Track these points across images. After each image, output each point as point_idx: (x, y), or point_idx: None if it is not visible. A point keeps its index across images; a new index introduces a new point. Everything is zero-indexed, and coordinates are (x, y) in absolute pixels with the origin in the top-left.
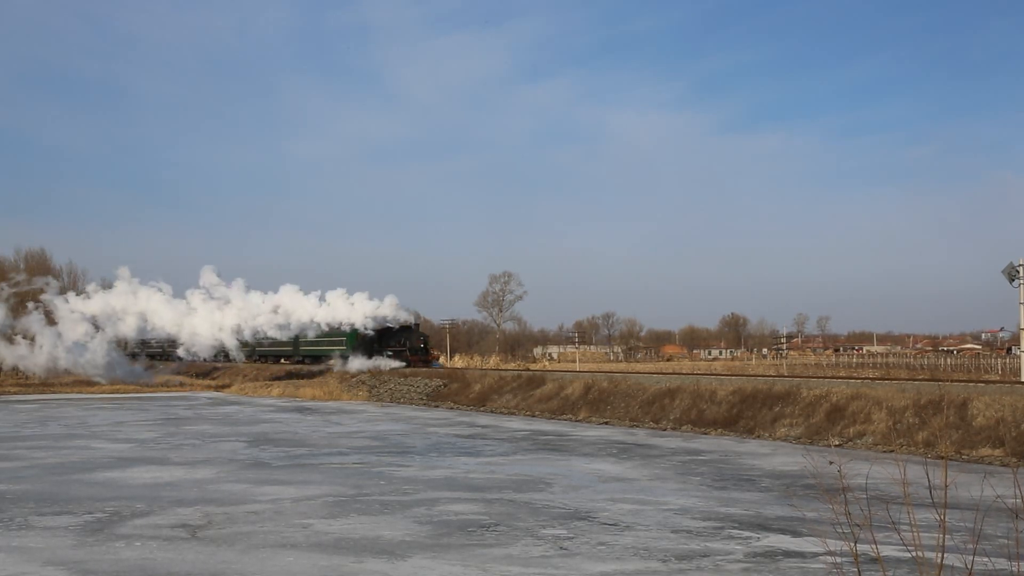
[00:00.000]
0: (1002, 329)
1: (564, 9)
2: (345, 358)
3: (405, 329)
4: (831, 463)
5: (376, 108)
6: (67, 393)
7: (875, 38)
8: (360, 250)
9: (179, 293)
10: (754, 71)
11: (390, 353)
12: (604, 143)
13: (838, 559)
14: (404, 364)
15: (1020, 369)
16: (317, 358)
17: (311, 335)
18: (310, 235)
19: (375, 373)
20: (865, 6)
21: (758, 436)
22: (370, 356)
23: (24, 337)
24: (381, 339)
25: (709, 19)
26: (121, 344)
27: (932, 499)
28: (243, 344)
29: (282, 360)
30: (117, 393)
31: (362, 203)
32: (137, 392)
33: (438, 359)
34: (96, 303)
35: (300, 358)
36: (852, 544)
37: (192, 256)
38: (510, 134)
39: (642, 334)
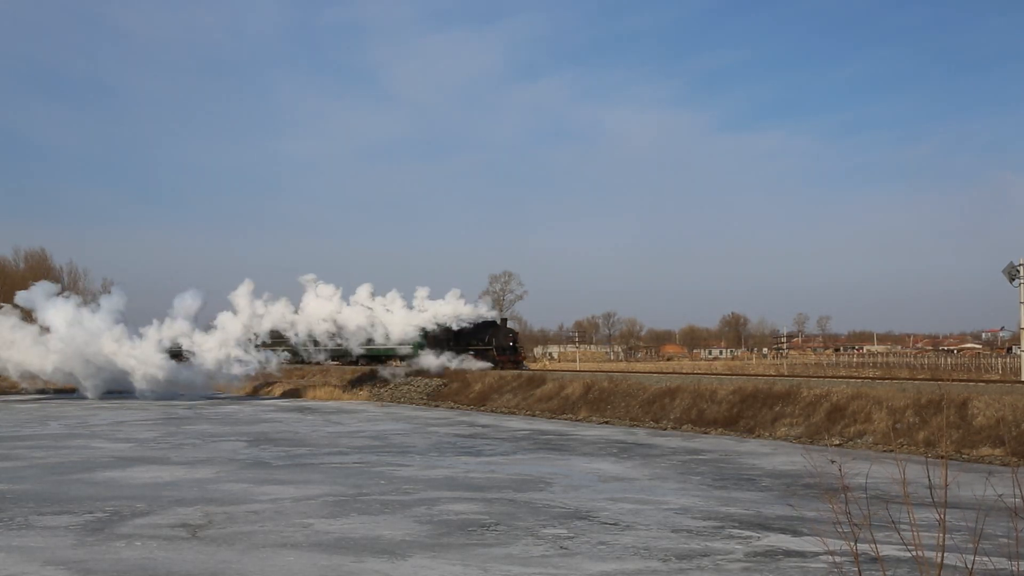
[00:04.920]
0: (1002, 329)
1: (559, 6)
2: (411, 359)
3: (490, 325)
4: (832, 462)
5: (370, 106)
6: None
7: (874, 35)
8: (356, 250)
9: (173, 294)
10: (752, 68)
11: (472, 352)
12: (602, 141)
13: (838, 558)
14: (491, 365)
15: (1020, 369)
16: (377, 359)
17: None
18: (305, 234)
19: (375, 371)
20: (863, 3)
21: (758, 436)
22: (454, 355)
23: None
24: (459, 337)
25: (706, 16)
26: None
27: (932, 498)
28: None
29: (330, 362)
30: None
31: (357, 202)
32: None
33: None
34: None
35: (354, 360)
36: (852, 543)
37: (187, 255)
38: (507, 132)
39: (642, 334)
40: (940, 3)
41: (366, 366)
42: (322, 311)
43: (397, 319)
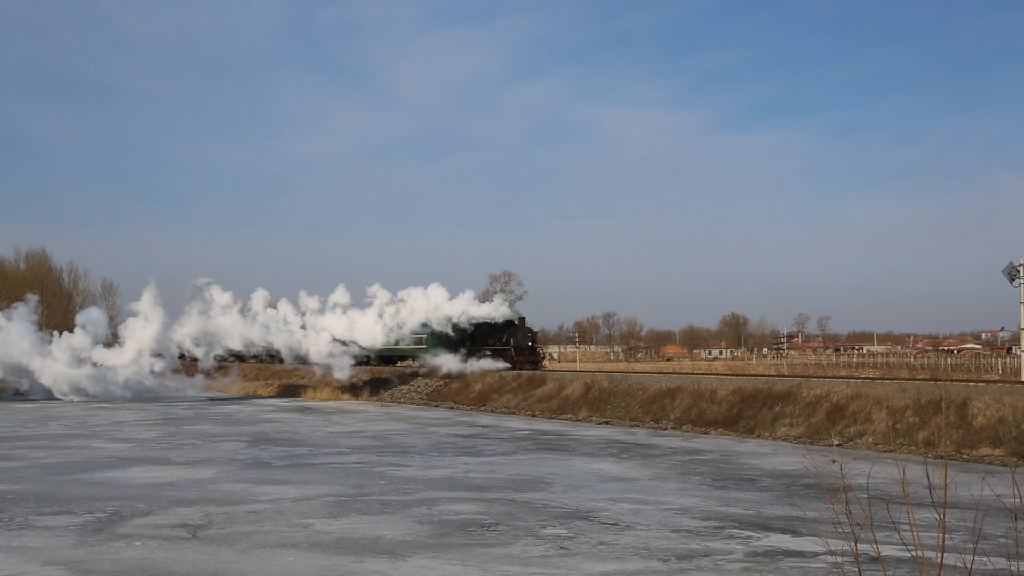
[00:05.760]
0: (1002, 329)
1: (557, 6)
2: (423, 359)
3: (508, 325)
4: (834, 462)
5: (369, 106)
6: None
7: (873, 34)
8: (355, 250)
9: (173, 294)
10: (751, 68)
11: (488, 353)
12: (600, 141)
13: (838, 558)
14: (509, 366)
15: (1020, 369)
16: (388, 360)
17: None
18: (304, 234)
19: (375, 372)
20: (863, 3)
21: (758, 436)
22: (469, 355)
23: None
24: (476, 337)
25: (705, 15)
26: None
27: (932, 499)
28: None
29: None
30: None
31: (357, 202)
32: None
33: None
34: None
35: (365, 360)
36: (853, 543)
37: (186, 255)
38: (505, 132)
39: (642, 334)
40: (940, 3)
41: (370, 366)
42: (233, 327)
43: (313, 340)
